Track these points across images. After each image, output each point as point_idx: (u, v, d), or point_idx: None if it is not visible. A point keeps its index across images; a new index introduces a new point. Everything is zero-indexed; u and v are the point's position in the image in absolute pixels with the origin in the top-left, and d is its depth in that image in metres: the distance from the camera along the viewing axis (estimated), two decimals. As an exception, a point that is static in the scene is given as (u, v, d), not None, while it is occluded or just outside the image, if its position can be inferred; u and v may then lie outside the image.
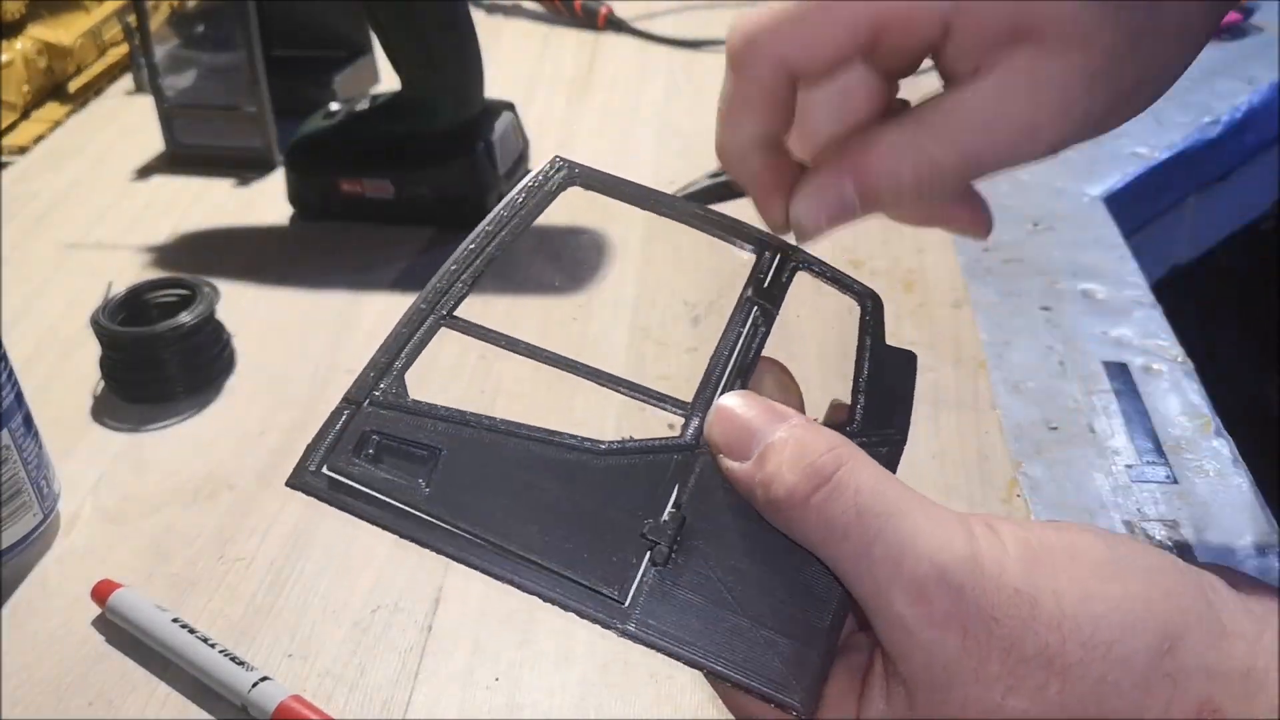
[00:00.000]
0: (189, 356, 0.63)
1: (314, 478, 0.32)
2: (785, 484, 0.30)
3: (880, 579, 0.29)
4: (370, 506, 0.31)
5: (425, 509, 0.31)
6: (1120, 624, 0.28)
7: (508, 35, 1.08)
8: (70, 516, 0.57)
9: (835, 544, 0.30)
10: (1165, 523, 0.52)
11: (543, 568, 0.31)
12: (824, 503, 0.30)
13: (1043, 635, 0.28)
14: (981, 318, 0.65)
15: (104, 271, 0.74)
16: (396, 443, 0.32)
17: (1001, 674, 0.28)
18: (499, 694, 0.47)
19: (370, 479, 0.31)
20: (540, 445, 0.32)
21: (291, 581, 0.52)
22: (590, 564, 0.31)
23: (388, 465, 0.32)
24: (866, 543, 0.29)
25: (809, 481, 0.30)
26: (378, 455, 0.32)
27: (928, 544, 0.29)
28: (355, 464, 0.32)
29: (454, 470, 0.31)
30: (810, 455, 0.30)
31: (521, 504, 0.31)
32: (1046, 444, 0.57)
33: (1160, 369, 0.61)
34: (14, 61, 0.94)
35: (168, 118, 0.87)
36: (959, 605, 0.28)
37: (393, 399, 0.32)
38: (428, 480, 0.31)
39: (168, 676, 0.48)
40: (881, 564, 0.29)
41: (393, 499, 0.31)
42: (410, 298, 0.34)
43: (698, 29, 1.04)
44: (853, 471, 0.30)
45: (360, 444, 0.32)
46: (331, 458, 0.32)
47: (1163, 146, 0.82)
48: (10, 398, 0.52)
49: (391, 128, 0.77)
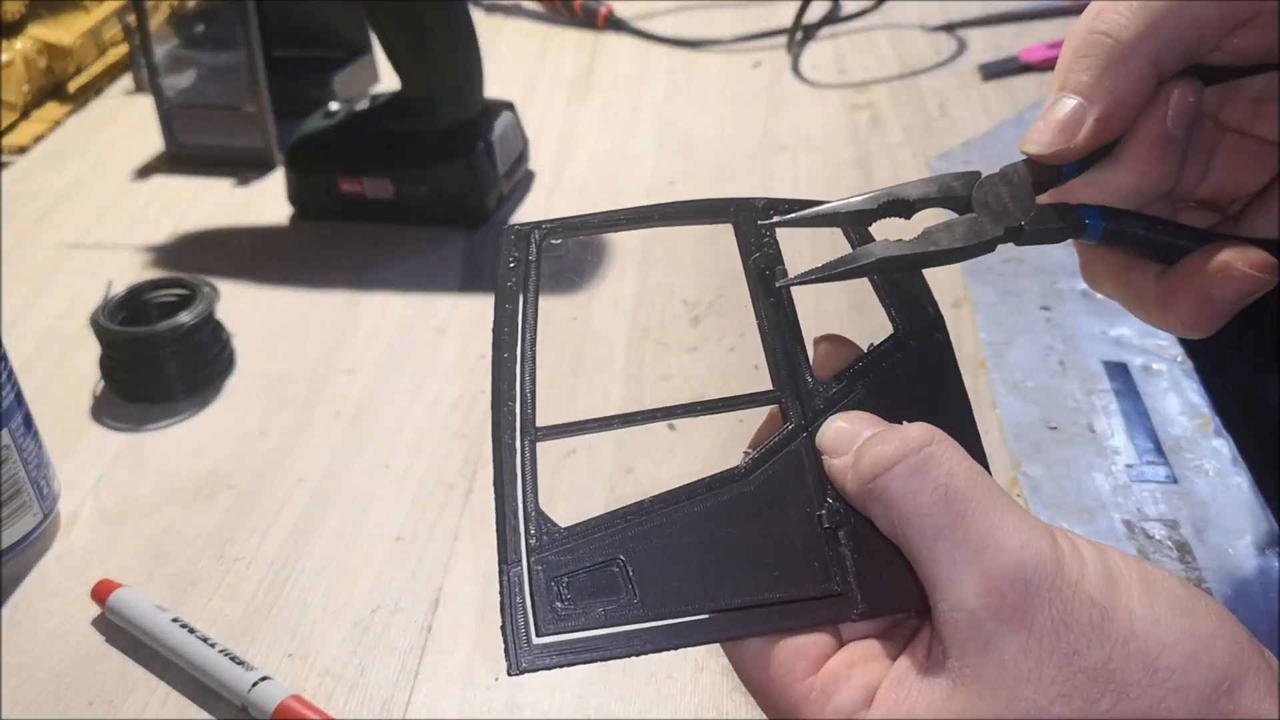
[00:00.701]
0: (189, 356, 0.63)
1: (537, 653, 0.31)
2: (874, 454, 0.30)
3: (957, 562, 0.29)
4: (603, 646, 0.31)
5: (647, 618, 0.31)
6: (1186, 655, 0.28)
7: (508, 35, 1.08)
8: (70, 516, 0.57)
9: (916, 518, 0.30)
10: (1165, 522, 0.52)
11: (766, 605, 0.31)
12: (911, 473, 0.30)
13: (1108, 648, 0.28)
14: (981, 317, 0.65)
15: (104, 271, 0.74)
16: (582, 575, 0.31)
17: (1056, 679, 0.28)
18: (499, 694, 0.47)
19: (585, 622, 0.31)
20: (693, 502, 0.32)
21: (291, 581, 0.52)
22: (799, 578, 0.32)
23: (588, 600, 0.31)
24: (949, 524, 0.29)
25: (898, 450, 0.30)
26: (574, 597, 0.31)
27: (1012, 539, 0.29)
28: (563, 620, 0.31)
29: (643, 569, 0.31)
30: (905, 432, 0.31)
31: (714, 562, 0.32)
32: (1046, 444, 0.57)
33: (1160, 368, 0.61)
34: (14, 61, 0.94)
35: (168, 118, 0.87)
36: (1031, 604, 0.28)
37: (547, 539, 0.32)
38: (631, 592, 0.31)
39: (168, 676, 0.48)
40: (961, 548, 0.29)
41: (615, 626, 0.31)
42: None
43: (698, 29, 1.04)
44: (945, 451, 0.30)
45: (553, 597, 0.31)
46: (540, 628, 0.31)
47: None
48: (10, 398, 0.52)
49: (391, 128, 0.77)
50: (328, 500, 0.57)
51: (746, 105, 0.91)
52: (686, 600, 0.31)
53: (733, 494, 0.32)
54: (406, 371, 0.65)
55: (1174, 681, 0.28)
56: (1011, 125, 0.85)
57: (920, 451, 0.30)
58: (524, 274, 0.35)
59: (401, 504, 0.56)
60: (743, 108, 0.91)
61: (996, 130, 0.85)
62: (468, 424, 0.60)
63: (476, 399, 0.62)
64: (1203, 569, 0.50)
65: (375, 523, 0.55)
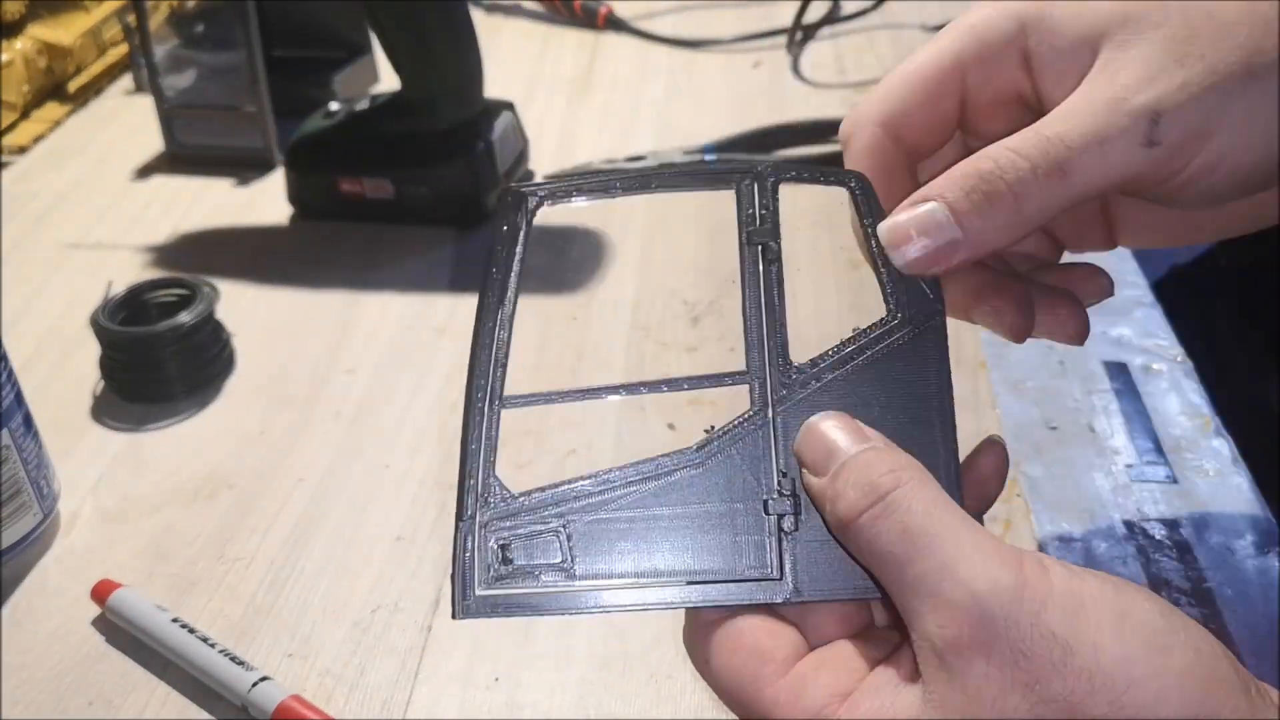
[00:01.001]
0: (189, 356, 0.63)
1: (477, 603, 0.33)
2: (846, 500, 0.31)
3: (919, 594, 0.29)
4: (536, 603, 0.33)
5: (582, 583, 0.33)
6: (1155, 693, 0.27)
7: (508, 35, 1.08)
8: (70, 516, 0.57)
9: (881, 556, 0.30)
10: (1165, 522, 0.52)
11: (701, 582, 0.33)
12: (874, 520, 0.30)
13: (1070, 682, 0.28)
14: (981, 317, 0.65)
15: (104, 271, 0.74)
16: (525, 539, 0.34)
17: (1020, 707, 0.28)
18: (499, 694, 0.47)
19: (523, 580, 0.33)
20: (644, 480, 0.34)
21: (291, 581, 0.52)
22: (736, 558, 0.33)
23: (528, 563, 0.33)
24: (909, 559, 0.29)
25: (865, 499, 0.31)
26: (516, 558, 0.33)
27: (969, 570, 0.29)
28: (503, 575, 0.33)
29: (586, 539, 0.33)
30: (872, 474, 0.31)
31: (655, 537, 0.33)
32: (1046, 444, 0.57)
33: (1160, 368, 0.61)
34: (14, 61, 0.94)
35: (168, 118, 0.87)
36: (988, 634, 0.28)
37: (499, 502, 0.34)
38: (569, 558, 0.33)
39: (168, 676, 0.48)
40: (922, 580, 0.29)
41: (551, 588, 0.33)
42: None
43: (698, 29, 1.04)
44: (909, 493, 0.30)
45: (495, 559, 0.33)
46: (481, 579, 0.33)
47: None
48: (10, 398, 0.52)
49: (391, 128, 0.77)
50: (328, 500, 0.57)
51: (747, 105, 0.91)
52: (617, 573, 0.33)
53: (684, 478, 0.34)
54: (406, 371, 0.65)
55: (1139, 718, 0.27)
56: (1011, 125, 0.85)
57: (886, 498, 0.30)
58: (511, 241, 0.36)
59: (401, 504, 0.56)
60: (743, 108, 0.91)
61: (996, 130, 0.85)
62: (468, 424, 0.60)
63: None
64: (1203, 569, 0.50)
65: (375, 523, 0.55)
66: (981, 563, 0.29)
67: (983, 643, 0.28)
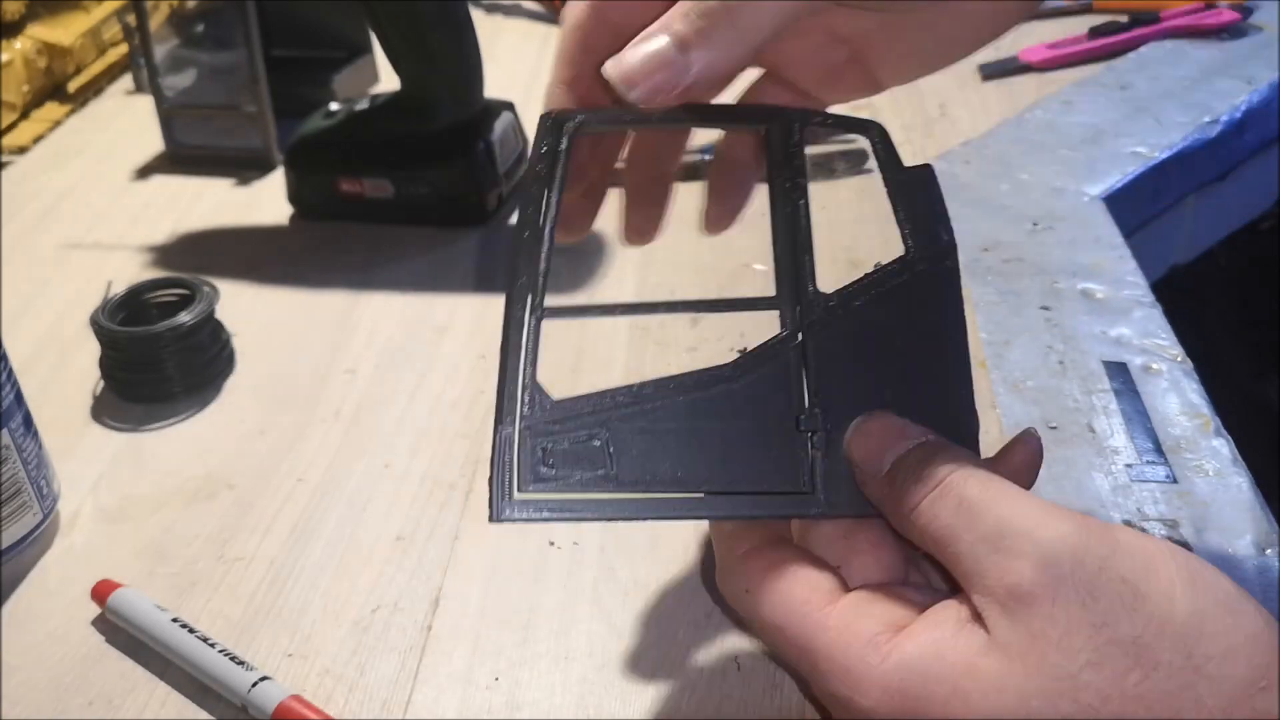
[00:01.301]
0: (189, 356, 0.63)
1: (516, 508, 0.33)
2: (905, 493, 0.32)
3: (979, 557, 0.30)
4: (576, 509, 0.33)
5: (621, 490, 0.33)
6: (1227, 646, 0.28)
7: (508, 35, 1.08)
8: (70, 516, 0.57)
9: (940, 533, 0.31)
10: (1165, 522, 0.52)
11: (735, 494, 0.34)
12: (932, 503, 0.31)
13: (1139, 626, 0.28)
14: (981, 317, 0.65)
15: (104, 271, 0.74)
16: (566, 444, 0.34)
17: (1084, 648, 0.28)
18: (499, 694, 0.47)
19: (564, 486, 0.33)
20: (681, 393, 0.35)
21: (291, 581, 0.52)
22: (770, 473, 0.34)
23: (569, 468, 0.34)
24: (967, 525, 0.30)
25: (923, 487, 0.32)
26: (557, 464, 0.34)
27: (1029, 523, 0.30)
28: (544, 478, 0.33)
29: (623, 447, 0.34)
30: (926, 466, 0.32)
31: (691, 450, 0.34)
32: (1046, 443, 0.56)
33: (1160, 368, 0.61)
34: (14, 61, 0.94)
35: (167, 118, 0.87)
36: (1052, 576, 0.29)
37: (541, 408, 0.34)
38: (609, 465, 0.34)
39: (168, 676, 0.48)
40: (980, 543, 0.30)
41: (590, 494, 0.33)
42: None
43: (697, 29, 1.04)
44: (963, 475, 0.32)
45: (536, 461, 0.34)
46: (521, 485, 0.33)
47: (1162, 146, 0.82)
48: (10, 397, 0.52)
49: (391, 128, 0.77)
50: (328, 500, 0.57)
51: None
52: (659, 480, 0.34)
53: (721, 391, 0.35)
54: (407, 371, 0.65)
55: (1209, 670, 0.27)
56: (1011, 125, 0.85)
57: (942, 483, 0.32)
58: (551, 162, 0.37)
59: (401, 504, 0.56)
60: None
61: (996, 130, 0.85)
62: (468, 424, 0.60)
63: (477, 399, 0.62)
64: (1203, 569, 0.50)
65: (375, 522, 0.55)
66: (1042, 517, 0.30)
67: (1047, 584, 0.29)
